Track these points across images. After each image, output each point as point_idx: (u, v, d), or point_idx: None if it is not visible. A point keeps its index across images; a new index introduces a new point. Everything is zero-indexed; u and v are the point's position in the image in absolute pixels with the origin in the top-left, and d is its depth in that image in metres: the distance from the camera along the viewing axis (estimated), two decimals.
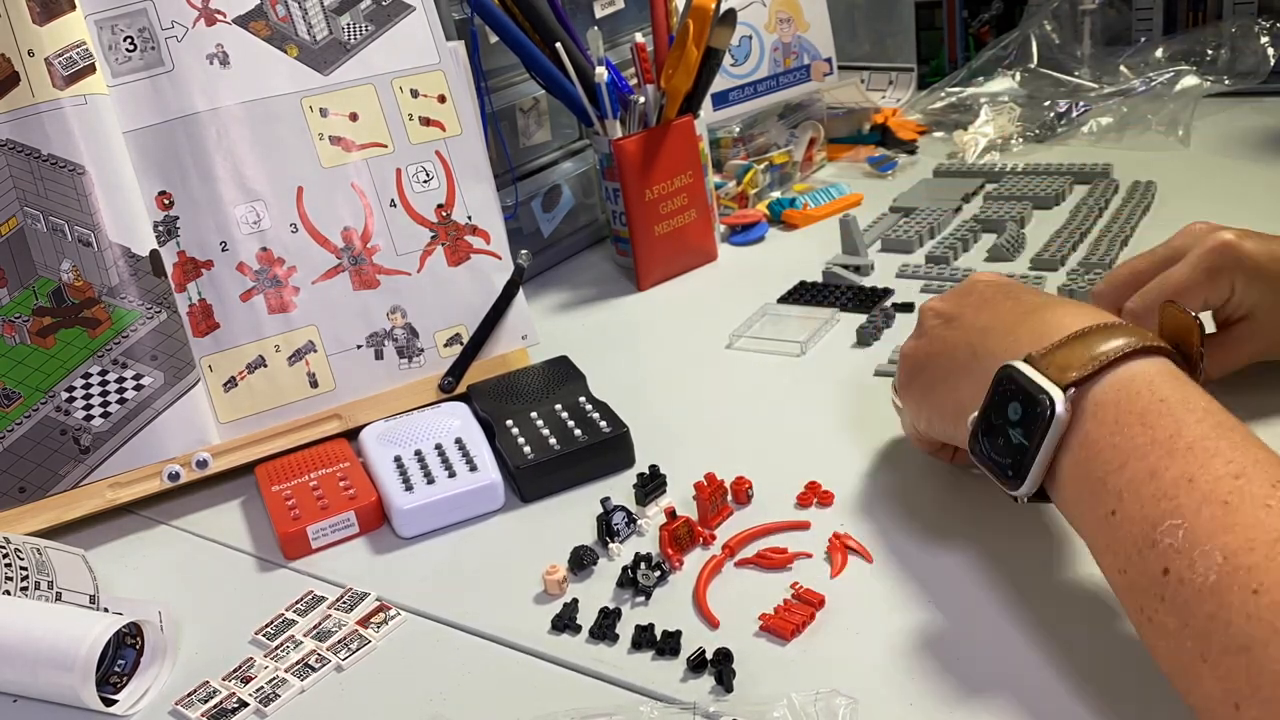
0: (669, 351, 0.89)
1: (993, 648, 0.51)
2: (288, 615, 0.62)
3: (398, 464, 0.71)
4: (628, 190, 0.97)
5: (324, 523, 0.68)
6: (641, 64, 0.97)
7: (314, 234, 0.79)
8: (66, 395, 0.73)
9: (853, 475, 0.66)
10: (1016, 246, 0.95)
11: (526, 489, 0.69)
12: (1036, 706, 0.48)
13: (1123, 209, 1.00)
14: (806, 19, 1.21)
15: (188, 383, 0.75)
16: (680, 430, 0.75)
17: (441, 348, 0.82)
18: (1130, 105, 1.23)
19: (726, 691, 0.51)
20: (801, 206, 1.11)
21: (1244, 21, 1.27)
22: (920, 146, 1.27)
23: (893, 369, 0.78)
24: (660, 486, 0.67)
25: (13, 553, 0.62)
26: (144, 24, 0.76)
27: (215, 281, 0.77)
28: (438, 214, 0.82)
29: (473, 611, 0.60)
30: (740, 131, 1.17)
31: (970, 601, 0.55)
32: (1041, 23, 1.33)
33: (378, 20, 0.82)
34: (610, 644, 0.56)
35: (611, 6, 1.11)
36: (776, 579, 0.58)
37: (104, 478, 0.73)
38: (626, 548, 0.63)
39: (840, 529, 0.61)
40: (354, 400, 0.79)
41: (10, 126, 0.72)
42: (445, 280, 0.82)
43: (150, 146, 0.76)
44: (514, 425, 0.73)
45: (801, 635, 0.54)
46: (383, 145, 0.81)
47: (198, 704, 0.56)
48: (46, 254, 0.73)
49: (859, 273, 0.95)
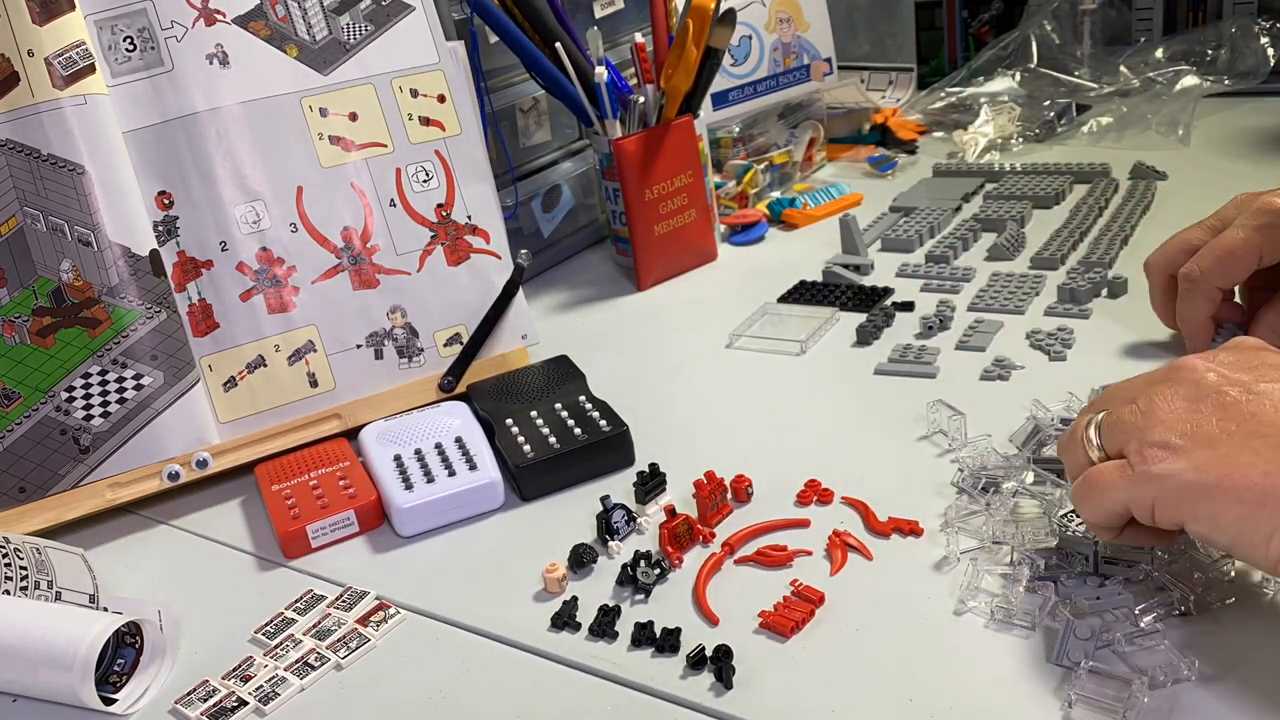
0: (669, 351, 0.89)
1: (993, 646, 0.51)
2: (287, 614, 0.62)
3: (397, 463, 0.71)
4: (628, 190, 0.97)
5: (324, 522, 0.67)
6: (641, 64, 0.97)
7: (314, 234, 0.79)
8: (66, 395, 0.73)
9: (852, 473, 0.66)
10: (1016, 246, 0.95)
11: (526, 488, 0.69)
12: (1037, 705, 0.48)
13: (1123, 208, 1.00)
14: (806, 19, 1.21)
15: (188, 382, 0.75)
16: (680, 429, 0.75)
17: (441, 347, 0.82)
18: (1130, 105, 1.23)
19: (726, 689, 0.51)
20: (801, 206, 1.11)
21: (1244, 21, 1.27)
22: (920, 146, 1.27)
23: (891, 367, 0.78)
24: (660, 485, 0.67)
25: (12, 552, 0.62)
26: (144, 24, 0.76)
27: (215, 281, 0.77)
28: (437, 214, 0.82)
29: (472, 610, 0.60)
30: (740, 131, 1.17)
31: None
32: (1041, 23, 1.33)
33: (377, 20, 0.82)
34: (610, 641, 0.56)
35: (611, 6, 1.11)
36: (776, 576, 0.58)
37: (104, 478, 0.73)
38: (626, 546, 0.63)
39: (840, 526, 0.61)
40: (354, 400, 0.79)
41: (10, 126, 0.72)
42: (445, 280, 0.82)
43: (150, 146, 0.76)
44: (514, 424, 0.73)
45: (801, 632, 0.54)
46: (382, 145, 0.81)
47: (197, 703, 0.56)
48: (46, 254, 0.73)
49: (859, 272, 0.95)
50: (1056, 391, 0.70)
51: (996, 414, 0.70)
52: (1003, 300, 0.85)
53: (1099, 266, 0.88)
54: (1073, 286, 0.84)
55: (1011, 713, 0.48)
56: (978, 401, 0.71)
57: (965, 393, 0.72)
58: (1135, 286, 0.84)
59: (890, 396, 0.75)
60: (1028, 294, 0.86)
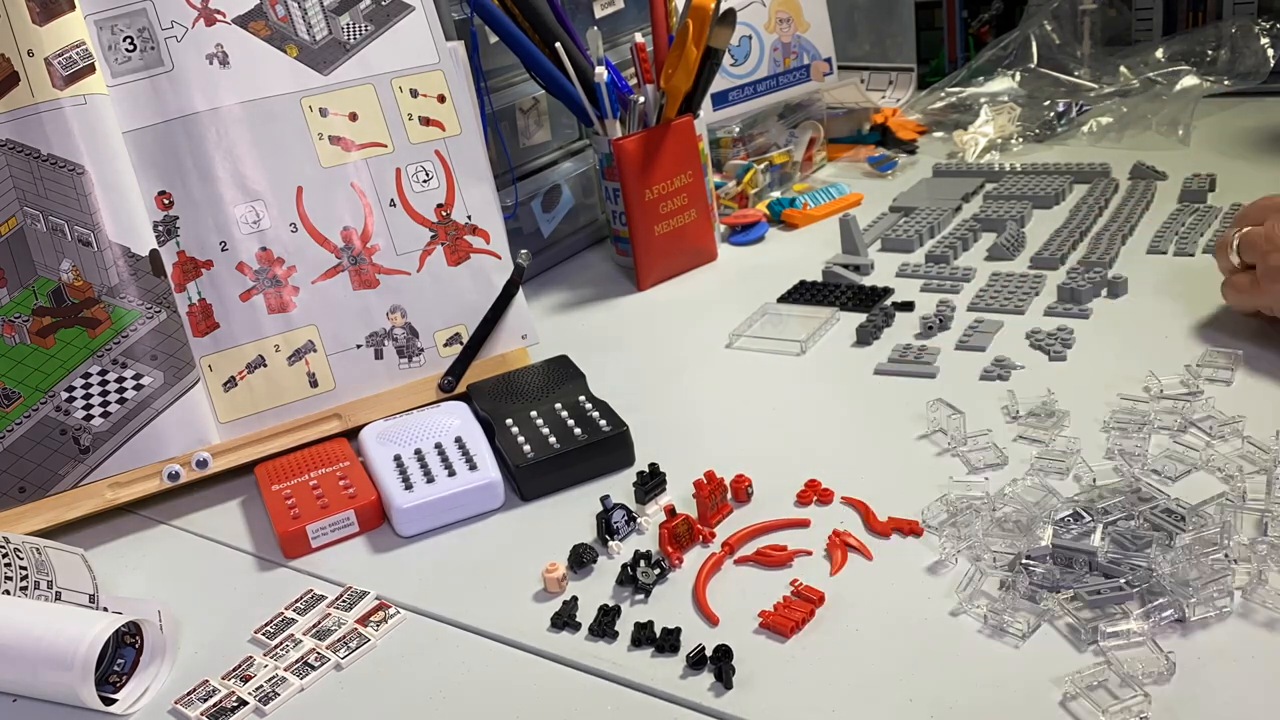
0: (669, 351, 0.89)
1: (992, 646, 0.51)
2: (287, 614, 0.62)
3: (397, 463, 0.71)
4: (628, 190, 0.97)
5: (324, 522, 0.67)
6: (641, 64, 0.97)
7: (314, 234, 0.79)
8: (66, 395, 0.73)
9: (852, 473, 0.66)
10: (1016, 245, 0.95)
11: (526, 488, 0.69)
12: (1035, 705, 0.48)
13: (1122, 208, 1.00)
14: (806, 19, 1.21)
15: (187, 382, 0.75)
16: (680, 429, 0.75)
17: (441, 347, 0.82)
18: (1130, 105, 1.23)
19: (726, 689, 0.51)
20: (801, 206, 1.11)
21: (1244, 21, 1.27)
22: (920, 146, 1.27)
23: (891, 367, 0.78)
24: (660, 485, 0.67)
25: (12, 552, 0.62)
26: (144, 24, 0.76)
27: (215, 281, 0.77)
28: (437, 214, 0.82)
29: (472, 610, 0.60)
30: (740, 131, 1.17)
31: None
32: (1041, 23, 1.33)
33: (377, 20, 0.82)
34: (610, 641, 0.56)
35: (611, 6, 1.11)
36: (776, 576, 0.58)
37: (104, 478, 0.73)
38: (626, 546, 0.63)
39: (840, 526, 0.61)
40: (354, 400, 0.79)
41: (10, 126, 0.72)
42: (445, 280, 0.82)
43: (150, 146, 0.76)
44: (514, 424, 0.73)
45: (801, 632, 0.54)
46: (382, 145, 0.81)
47: (197, 703, 0.56)
48: (46, 254, 0.73)
49: (859, 272, 0.95)
50: (1057, 391, 0.70)
51: (997, 414, 0.70)
52: (1003, 300, 0.85)
53: (1099, 266, 0.88)
54: (1073, 286, 0.84)
55: (1010, 712, 0.48)
56: (978, 401, 0.71)
57: (965, 393, 0.72)
58: (1135, 286, 0.84)
59: (890, 396, 0.75)
60: (1028, 294, 0.86)
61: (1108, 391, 0.70)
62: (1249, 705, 0.46)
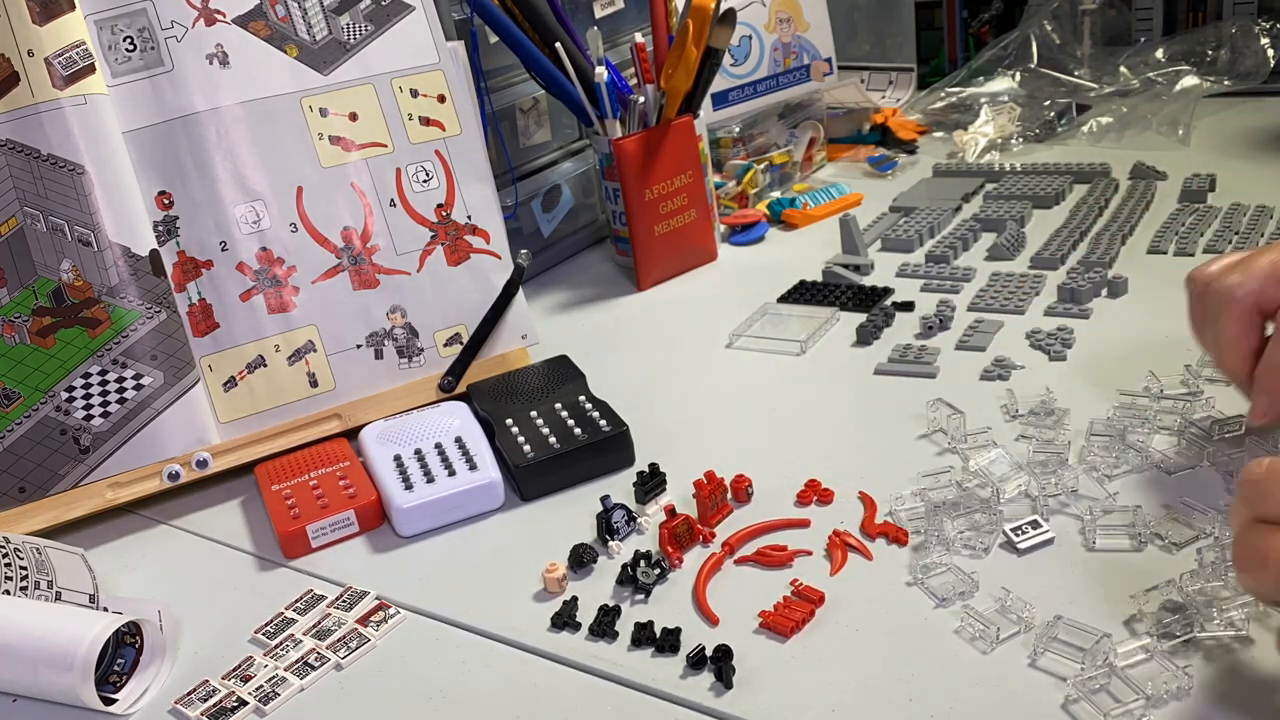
0: (669, 351, 0.89)
1: (992, 644, 0.51)
2: (287, 614, 0.62)
3: (397, 463, 0.71)
4: (628, 190, 0.97)
5: (324, 522, 0.67)
6: (641, 64, 0.97)
7: (314, 234, 0.79)
8: (66, 395, 0.73)
9: (853, 473, 0.66)
10: (1016, 245, 0.95)
11: (526, 488, 0.69)
12: (1036, 706, 0.48)
13: (1122, 208, 1.00)
14: (806, 19, 1.21)
15: (187, 382, 0.75)
16: (680, 429, 0.75)
17: (441, 347, 0.82)
18: (1130, 105, 1.23)
19: (726, 689, 0.51)
20: (801, 206, 1.11)
21: (1244, 22, 1.27)
22: (920, 146, 1.27)
23: (891, 367, 0.78)
24: (660, 485, 0.67)
25: (12, 552, 0.62)
26: (144, 24, 0.76)
27: (215, 281, 0.77)
28: (437, 214, 0.82)
29: (472, 610, 0.60)
30: (740, 131, 1.17)
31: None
32: (1041, 23, 1.33)
33: (377, 20, 0.82)
34: (610, 641, 0.56)
35: (611, 6, 1.11)
36: (776, 576, 0.58)
37: (104, 478, 0.73)
38: (626, 546, 0.63)
39: (840, 526, 0.61)
40: (354, 400, 0.79)
41: (10, 126, 0.72)
42: (445, 280, 0.82)
43: (150, 146, 0.76)
44: (514, 424, 0.73)
45: (801, 632, 0.54)
46: (382, 145, 0.81)
47: (197, 703, 0.56)
48: (46, 254, 0.73)
49: (859, 272, 0.95)
50: (1057, 391, 0.70)
51: (997, 414, 0.70)
52: (1003, 300, 0.85)
53: (1099, 266, 0.88)
54: (1073, 286, 0.84)
55: (1011, 713, 0.48)
56: (978, 401, 0.71)
57: (965, 392, 0.72)
58: (1135, 286, 0.84)
59: (890, 396, 0.75)
60: (1028, 294, 0.86)
61: (1108, 391, 0.70)
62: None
